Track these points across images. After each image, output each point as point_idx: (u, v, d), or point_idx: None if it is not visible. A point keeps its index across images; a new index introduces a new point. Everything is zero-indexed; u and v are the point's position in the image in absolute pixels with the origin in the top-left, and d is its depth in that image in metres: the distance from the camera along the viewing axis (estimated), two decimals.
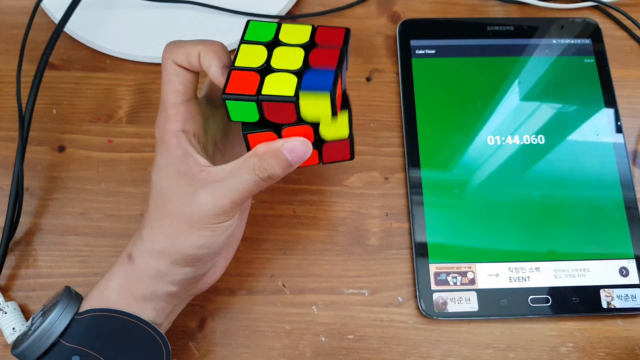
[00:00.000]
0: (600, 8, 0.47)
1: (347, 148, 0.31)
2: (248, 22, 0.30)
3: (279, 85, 0.27)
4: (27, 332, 0.29)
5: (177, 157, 0.28)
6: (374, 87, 0.44)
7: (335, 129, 0.29)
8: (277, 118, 0.27)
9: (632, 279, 0.38)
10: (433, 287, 0.37)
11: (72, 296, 0.30)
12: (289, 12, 0.46)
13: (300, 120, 0.28)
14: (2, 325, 0.35)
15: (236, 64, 0.28)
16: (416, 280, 0.37)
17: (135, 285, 0.29)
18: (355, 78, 0.44)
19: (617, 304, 0.37)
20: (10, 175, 0.38)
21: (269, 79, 0.27)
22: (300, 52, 0.28)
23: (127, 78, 0.44)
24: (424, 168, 0.40)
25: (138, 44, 0.44)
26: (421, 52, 0.44)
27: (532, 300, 0.37)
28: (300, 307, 0.37)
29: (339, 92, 0.28)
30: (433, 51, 0.44)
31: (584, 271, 0.38)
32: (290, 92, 0.26)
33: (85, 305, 0.29)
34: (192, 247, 0.29)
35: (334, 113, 0.27)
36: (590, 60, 0.44)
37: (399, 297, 0.38)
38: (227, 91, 0.27)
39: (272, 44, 0.28)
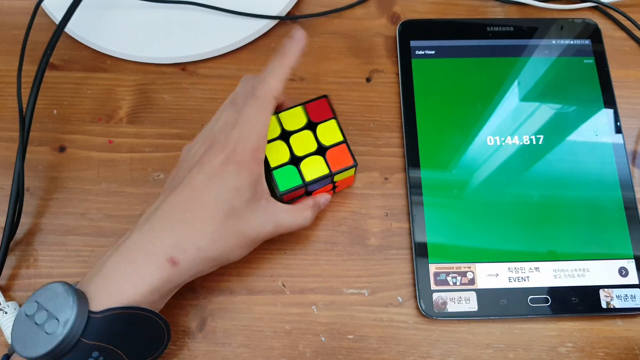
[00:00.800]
0: (599, 9, 0.47)
1: (350, 178, 0.39)
2: None
3: (314, 167, 0.35)
4: (33, 334, 0.28)
5: (254, 181, 0.32)
6: (374, 88, 0.44)
7: (344, 180, 0.38)
8: (314, 188, 0.37)
9: (632, 279, 0.38)
10: (433, 287, 0.37)
11: (80, 294, 0.29)
12: (289, 13, 0.46)
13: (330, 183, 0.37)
14: (3, 325, 0.35)
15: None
16: (416, 280, 0.37)
17: (169, 286, 0.31)
18: (355, 78, 0.44)
19: (617, 304, 0.37)
20: (11, 176, 0.38)
21: (303, 164, 0.35)
22: (310, 134, 0.36)
23: (128, 78, 0.44)
24: (424, 168, 0.40)
25: (138, 45, 0.44)
26: (421, 52, 0.44)
27: (532, 300, 0.37)
28: (300, 307, 0.37)
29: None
30: (433, 52, 0.44)
31: (583, 271, 0.38)
32: (326, 171, 0.36)
33: (101, 301, 0.29)
34: (234, 257, 0.33)
35: (353, 165, 0.36)
36: (590, 60, 0.44)
37: (398, 297, 0.38)
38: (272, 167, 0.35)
39: (284, 136, 0.36)
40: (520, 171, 0.40)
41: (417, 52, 0.44)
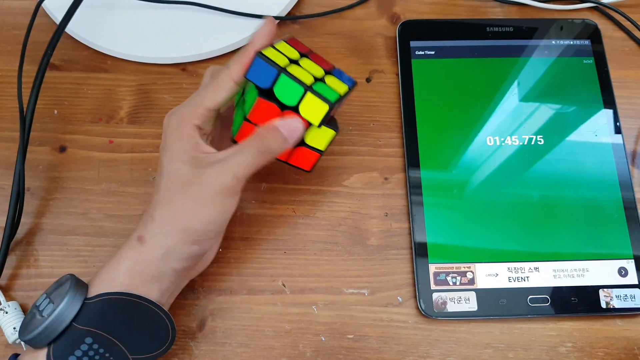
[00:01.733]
0: (599, 9, 0.47)
1: (313, 160, 0.35)
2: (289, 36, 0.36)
3: (300, 74, 0.32)
4: (32, 319, 0.30)
5: (190, 144, 0.32)
6: (374, 88, 0.44)
7: (316, 138, 0.34)
8: (282, 97, 0.32)
9: (631, 279, 0.38)
10: (432, 287, 0.37)
11: (80, 283, 0.31)
12: (289, 13, 0.46)
13: (296, 111, 0.32)
14: (3, 325, 0.35)
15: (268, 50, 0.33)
16: (416, 280, 0.37)
17: (145, 267, 0.31)
18: (356, 79, 0.44)
19: (616, 304, 0.37)
20: (12, 176, 0.38)
21: (293, 67, 0.32)
22: (322, 71, 0.34)
23: (128, 79, 0.44)
24: (424, 168, 0.40)
25: (139, 45, 0.44)
26: (421, 53, 0.44)
27: (531, 300, 0.37)
28: (300, 306, 0.38)
29: (335, 110, 0.34)
30: (433, 52, 0.44)
31: (583, 271, 0.38)
32: (308, 82, 0.32)
33: (94, 290, 0.31)
34: (202, 222, 0.31)
35: (322, 123, 0.32)
36: (590, 61, 0.44)
37: (398, 297, 0.38)
38: (262, 52, 0.32)
39: (295, 61, 0.34)
40: (519, 171, 0.40)
41: (417, 53, 0.44)
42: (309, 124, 0.33)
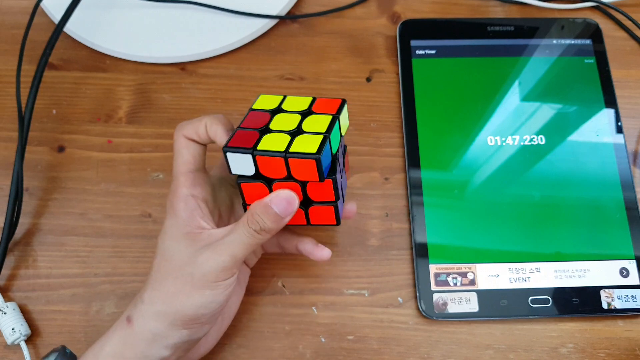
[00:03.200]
0: (600, 8, 0.47)
1: (332, 213, 0.32)
2: (259, 95, 0.33)
3: (274, 143, 0.29)
4: None
5: (183, 219, 0.30)
6: (374, 88, 0.44)
7: (321, 192, 0.31)
8: (270, 173, 0.29)
9: (633, 279, 0.37)
10: (433, 287, 0.37)
11: (66, 357, 0.31)
12: (289, 12, 0.46)
13: (290, 177, 0.29)
14: (2, 326, 0.35)
15: (241, 126, 0.30)
16: (416, 281, 0.37)
17: (131, 350, 0.29)
18: (356, 78, 0.44)
19: (618, 304, 0.37)
20: (10, 176, 0.38)
21: (267, 137, 0.29)
22: (297, 118, 0.31)
23: (127, 78, 0.44)
24: (424, 168, 0.40)
25: (138, 44, 0.44)
26: (421, 52, 0.44)
27: (533, 301, 0.37)
28: (300, 307, 0.37)
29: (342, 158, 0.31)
30: (433, 51, 0.44)
31: (584, 272, 0.38)
32: (282, 149, 0.28)
33: None
34: (192, 306, 0.29)
35: (321, 178, 0.29)
36: (591, 60, 0.44)
37: (399, 298, 0.38)
38: (229, 145, 0.29)
39: (275, 111, 0.31)
40: (520, 171, 0.40)
41: (417, 52, 0.44)
42: (299, 186, 0.30)
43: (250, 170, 0.29)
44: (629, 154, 0.41)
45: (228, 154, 0.29)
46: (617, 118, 0.42)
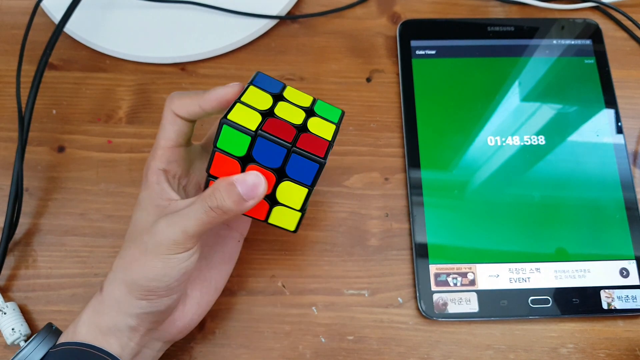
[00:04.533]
0: (600, 9, 0.47)
1: (295, 220, 0.31)
2: (257, 72, 0.31)
3: (280, 131, 0.28)
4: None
5: (155, 192, 0.31)
6: (374, 88, 0.44)
7: (291, 196, 0.30)
8: (263, 159, 0.28)
9: (633, 279, 0.37)
10: (433, 288, 0.37)
11: (50, 331, 0.31)
12: (289, 13, 0.46)
13: (280, 171, 0.29)
14: (2, 326, 0.35)
15: (241, 100, 0.29)
16: (416, 281, 0.37)
17: (101, 317, 0.30)
18: (356, 78, 0.44)
19: (618, 305, 0.37)
20: (10, 176, 0.38)
21: (271, 122, 0.28)
22: (302, 114, 0.30)
23: (127, 78, 0.44)
24: (424, 169, 0.40)
25: (138, 44, 0.44)
26: (421, 52, 0.44)
27: (533, 301, 0.37)
28: (300, 307, 0.37)
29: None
30: (433, 52, 0.44)
31: (584, 272, 0.38)
32: (288, 140, 0.28)
33: (62, 339, 0.31)
34: (143, 277, 0.29)
35: (309, 186, 0.29)
36: (591, 60, 0.44)
37: (399, 298, 0.38)
38: (228, 117, 0.28)
39: (278, 97, 0.30)
40: (521, 172, 0.40)
41: (417, 52, 0.44)
42: (275, 179, 0.29)
43: (240, 151, 0.28)
44: (629, 154, 0.41)
45: (225, 127, 0.27)
46: (617, 118, 0.42)
